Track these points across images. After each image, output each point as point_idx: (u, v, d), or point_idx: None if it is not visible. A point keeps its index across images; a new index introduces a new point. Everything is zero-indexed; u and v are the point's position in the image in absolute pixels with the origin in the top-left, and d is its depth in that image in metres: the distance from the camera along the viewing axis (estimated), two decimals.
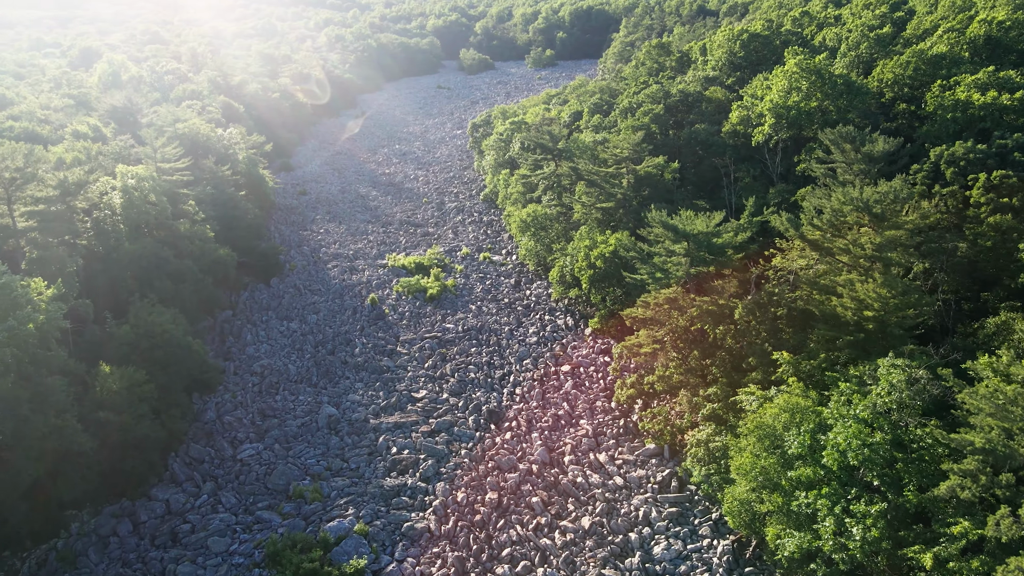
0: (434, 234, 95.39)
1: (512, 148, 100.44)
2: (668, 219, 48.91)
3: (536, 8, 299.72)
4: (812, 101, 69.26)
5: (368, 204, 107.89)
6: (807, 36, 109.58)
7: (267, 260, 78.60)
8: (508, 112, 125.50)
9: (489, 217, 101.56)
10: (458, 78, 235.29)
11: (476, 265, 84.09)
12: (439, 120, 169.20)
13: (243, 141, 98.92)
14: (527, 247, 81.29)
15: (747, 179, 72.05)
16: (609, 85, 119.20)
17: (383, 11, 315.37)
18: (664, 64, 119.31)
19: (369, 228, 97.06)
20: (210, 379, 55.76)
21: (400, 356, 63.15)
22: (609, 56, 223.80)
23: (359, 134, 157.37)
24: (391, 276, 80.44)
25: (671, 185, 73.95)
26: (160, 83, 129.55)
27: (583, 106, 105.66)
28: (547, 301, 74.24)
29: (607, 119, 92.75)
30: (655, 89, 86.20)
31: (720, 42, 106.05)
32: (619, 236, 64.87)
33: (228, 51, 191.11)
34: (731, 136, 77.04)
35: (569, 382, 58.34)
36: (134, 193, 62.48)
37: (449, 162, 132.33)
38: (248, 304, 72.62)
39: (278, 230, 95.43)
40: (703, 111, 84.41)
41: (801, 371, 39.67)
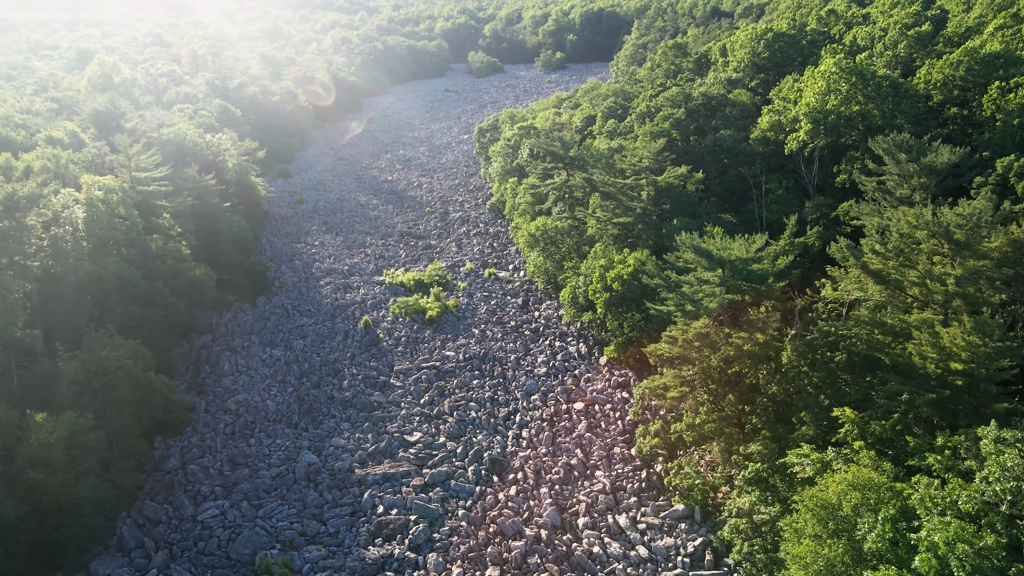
0: (436, 247, 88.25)
1: (520, 155, 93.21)
2: (700, 242, 41.52)
3: (546, 10, 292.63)
4: (853, 105, 61.72)
5: (368, 214, 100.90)
6: (835, 35, 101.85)
7: (254, 277, 71.70)
8: (516, 116, 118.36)
9: (495, 228, 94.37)
10: (466, 81, 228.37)
11: (480, 282, 76.89)
12: (446, 124, 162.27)
13: (234, 147, 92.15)
14: (536, 263, 74.07)
15: (779, 191, 64.55)
16: (623, 88, 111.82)
17: (391, 14, 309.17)
18: (681, 66, 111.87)
19: (367, 240, 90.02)
20: (176, 419, 48.78)
21: (393, 390, 55.96)
22: (621, 59, 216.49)
23: (363, 138, 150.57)
24: (388, 295, 73.33)
25: (694, 198, 66.55)
26: (154, 86, 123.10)
27: (596, 110, 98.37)
28: (557, 324, 66.96)
29: (622, 124, 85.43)
30: (675, 92, 78.79)
31: (742, 42, 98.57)
32: (638, 255, 57.51)
33: (231, 53, 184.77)
34: (760, 143, 69.55)
35: (583, 423, 50.99)
36: (99, 207, 55.64)
37: (455, 168, 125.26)
38: (230, 327, 65.65)
39: (270, 242, 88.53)
40: (727, 116, 76.95)
41: (869, 433, 32.20)
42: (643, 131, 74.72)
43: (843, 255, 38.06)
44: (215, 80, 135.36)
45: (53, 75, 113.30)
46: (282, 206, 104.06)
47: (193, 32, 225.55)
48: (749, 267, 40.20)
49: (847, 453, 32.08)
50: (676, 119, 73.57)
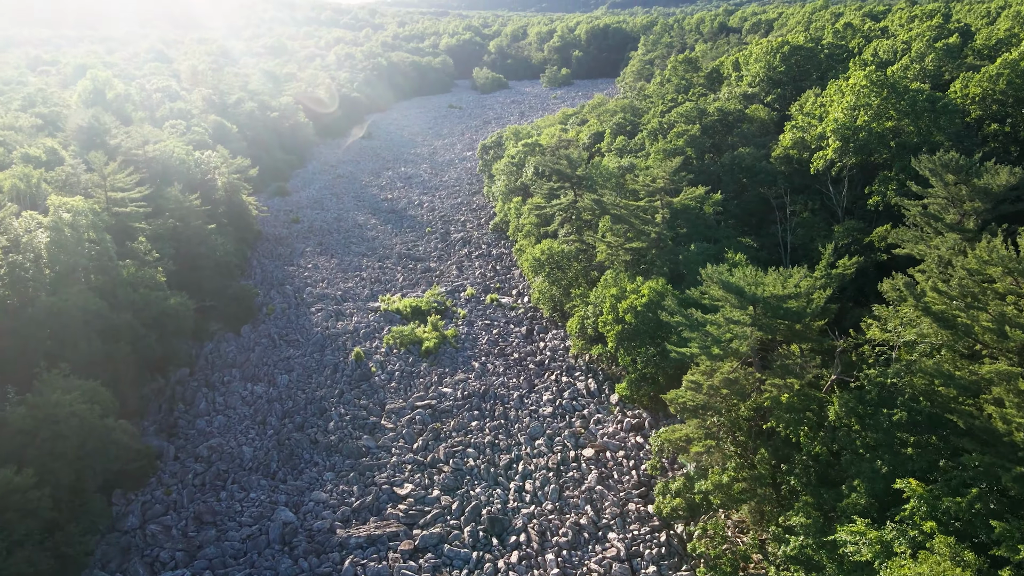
0: (436, 270, 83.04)
1: (525, 173, 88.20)
2: (728, 276, 36.10)
3: (551, 27, 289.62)
4: (886, 121, 56.40)
5: (365, 234, 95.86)
6: (853, 49, 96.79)
7: (239, 304, 66.51)
8: (521, 133, 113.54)
9: (498, 250, 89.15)
10: (471, 97, 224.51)
11: (482, 310, 71.56)
12: (449, 141, 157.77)
13: (225, 165, 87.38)
14: (541, 289, 68.76)
15: (805, 213, 59.17)
16: (631, 104, 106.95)
17: (396, 30, 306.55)
18: (692, 81, 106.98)
19: (364, 263, 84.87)
20: (139, 470, 43.39)
21: (384, 432, 50.47)
22: (627, 74, 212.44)
23: (364, 155, 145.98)
24: (383, 323, 68.04)
25: (712, 220, 61.25)
26: (149, 101, 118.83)
27: (604, 127, 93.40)
28: (564, 356, 61.50)
29: (632, 141, 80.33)
30: (689, 107, 73.71)
31: (757, 56, 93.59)
32: (653, 284, 52.11)
33: (232, 69, 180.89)
34: (783, 162, 64.33)
35: (593, 473, 45.38)
36: (65, 231, 50.62)
37: (457, 186, 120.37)
38: (211, 359, 60.37)
39: (261, 265, 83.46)
40: (745, 132, 71.79)
41: (942, 511, 26.62)
42: (655, 149, 69.58)
43: (900, 294, 32.61)
44: (212, 96, 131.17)
45: (42, 90, 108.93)
46: (276, 226, 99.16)
47: (197, 48, 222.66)
48: (784, 304, 34.76)
49: (915, 536, 26.51)
50: (691, 136, 68.42)
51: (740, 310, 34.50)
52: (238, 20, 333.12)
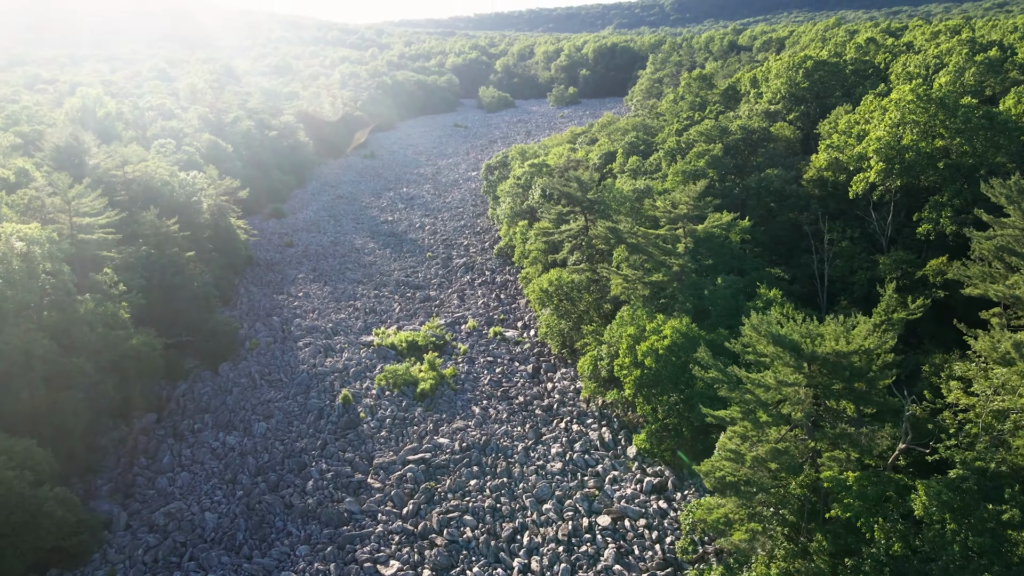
0: (436, 299, 76.73)
1: (531, 196, 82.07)
2: (777, 326, 29.53)
3: (558, 46, 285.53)
4: (936, 140, 50.01)
5: (362, 259, 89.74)
6: (879, 64, 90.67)
7: (218, 340, 60.26)
8: (527, 152, 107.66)
9: (503, 277, 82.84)
10: (476, 116, 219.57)
11: (484, 344, 65.12)
12: (453, 160, 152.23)
13: (213, 186, 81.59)
14: (549, 323, 62.34)
15: (843, 243, 52.62)
16: (644, 122, 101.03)
17: (403, 50, 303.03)
18: (707, 98, 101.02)
19: (359, 291, 78.64)
20: (79, 545, 36.87)
21: (370, 493, 43.86)
22: (636, 93, 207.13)
23: (365, 175, 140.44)
24: (376, 360, 61.64)
25: (739, 250, 54.80)
26: (141, 120, 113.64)
27: (616, 146, 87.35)
28: (575, 400, 54.90)
29: (647, 162, 74.15)
30: (709, 125, 67.58)
31: (777, 71, 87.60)
32: (677, 323, 45.57)
33: (234, 87, 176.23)
34: (816, 184, 57.97)
35: (610, 547, 38.62)
36: (15, 263, 44.54)
37: (461, 208, 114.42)
38: (183, 403, 54.00)
39: (248, 293, 77.32)
40: (771, 152, 65.51)
41: None
42: (674, 170, 63.34)
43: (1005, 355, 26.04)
44: (208, 114, 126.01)
45: (27, 108, 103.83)
46: (269, 250, 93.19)
47: (200, 67, 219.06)
48: (847, 361, 28.20)
49: None
50: (713, 156, 62.17)
51: (796, 371, 27.92)
52: (244, 40, 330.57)
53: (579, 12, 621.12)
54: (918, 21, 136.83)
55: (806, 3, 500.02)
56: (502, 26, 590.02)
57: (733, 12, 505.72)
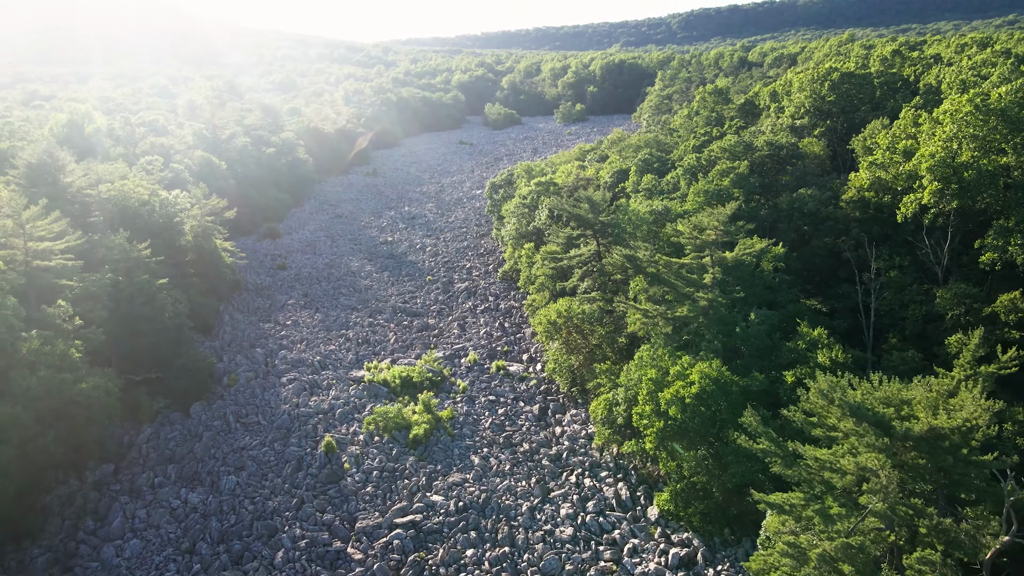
0: (435, 328, 70.51)
1: (538, 217, 76.02)
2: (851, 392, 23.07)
3: (565, 63, 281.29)
4: (1000, 156, 43.70)
5: (358, 283, 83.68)
6: (908, 77, 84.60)
7: (191, 377, 54.07)
8: (534, 170, 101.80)
9: (508, 303, 76.59)
10: (482, 133, 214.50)
11: (486, 381, 58.77)
12: (457, 179, 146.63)
13: (198, 206, 75.88)
14: (557, 359, 56.00)
15: (892, 272, 46.19)
16: (657, 138, 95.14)
17: (409, 67, 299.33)
18: (723, 113, 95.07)
19: (352, 319, 72.50)
20: None
21: (350, 567, 37.32)
22: (645, 110, 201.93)
23: (366, 193, 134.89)
24: (366, 399, 55.33)
25: (771, 280, 48.44)
26: (132, 136, 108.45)
27: (628, 163, 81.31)
28: (587, 448, 48.40)
29: (663, 181, 67.97)
30: (732, 141, 61.49)
31: (801, 84, 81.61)
32: (706, 367, 39.16)
33: (235, 104, 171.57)
34: (856, 206, 51.66)
35: None
36: None
37: (464, 228, 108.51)
38: (145, 451, 47.73)
39: (232, 322, 71.25)
40: (801, 170, 59.29)
41: None
42: (695, 190, 57.13)
43: None
44: (204, 131, 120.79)
45: (9, 123, 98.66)
46: (260, 273, 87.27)
47: (204, 84, 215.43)
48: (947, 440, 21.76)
49: None
50: (738, 175, 55.99)
51: (880, 451, 21.48)
52: (251, 57, 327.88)
53: (585, 31, 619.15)
54: (936, 36, 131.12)
55: (813, 21, 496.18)
56: (509, 44, 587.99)
57: (740, 30, 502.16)
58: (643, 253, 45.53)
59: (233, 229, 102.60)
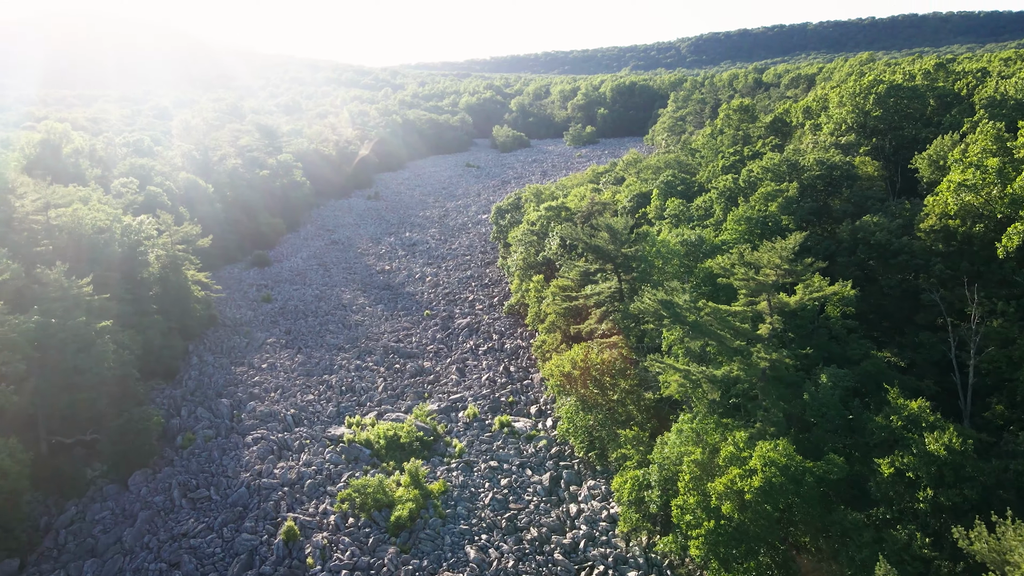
0: (430, 373, 61.14)
1: (548, 246, 66.89)
2: None
3: (575, 85, 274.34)
4: None
5: (348, 318, 74.53)
6: (960, 91, 75.35)
7: (134, 439, 44.71)
8: (543, 193, 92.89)
9: (514, 342, 67.20)
10: (490, 156, 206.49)
11: (487, 441, 49.20)
12: (463, 202, 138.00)
13: (168, 233, 67.15)
14: (571, 417, 46.41)
15: (996, 321, 36.54)
16: (677, 158, 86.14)
17: (416, 89, 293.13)
18: (750, 132, 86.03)
19: (337, 361, 63.27)
20: None
21: None
22: (657, 131, 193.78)
23: (366, 218, 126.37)
24: (342, 465, 45.87)
25: (838, 329, 38.85)
26: (113, 157, 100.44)
27: (649, 186, 72.18)
28: (609, 533, 38.66)
29: (692, 205, 58.63)
30: (777, 160, 52.26)
31: (842, 98, 72.48)
32: (769, 450, 29.49)
33: (234, 126, 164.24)
34: (938, 236, 42.15)
35: None
36: None
37: (468, 256, 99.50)
38: (64, 539, 38.29)
39: (201, 364, 62.11)
40: (858, 193, 49.90)
41: None
42: (735, 216, 47.74)
43: None
44: (194, 152, 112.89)
45: None
46: (241, 306, 78.29)
47: (207, 105, 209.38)
48: None
49: None
50: (787, 198, 46.65)
51: None
52: (259, 79, 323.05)
53: (595, 55, 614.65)
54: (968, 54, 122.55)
55: (823, 45, 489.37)
56: (518, 68, 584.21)
57: (749, 54, 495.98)
58: (682, 297, 36.06)
59: (218, 257, 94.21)
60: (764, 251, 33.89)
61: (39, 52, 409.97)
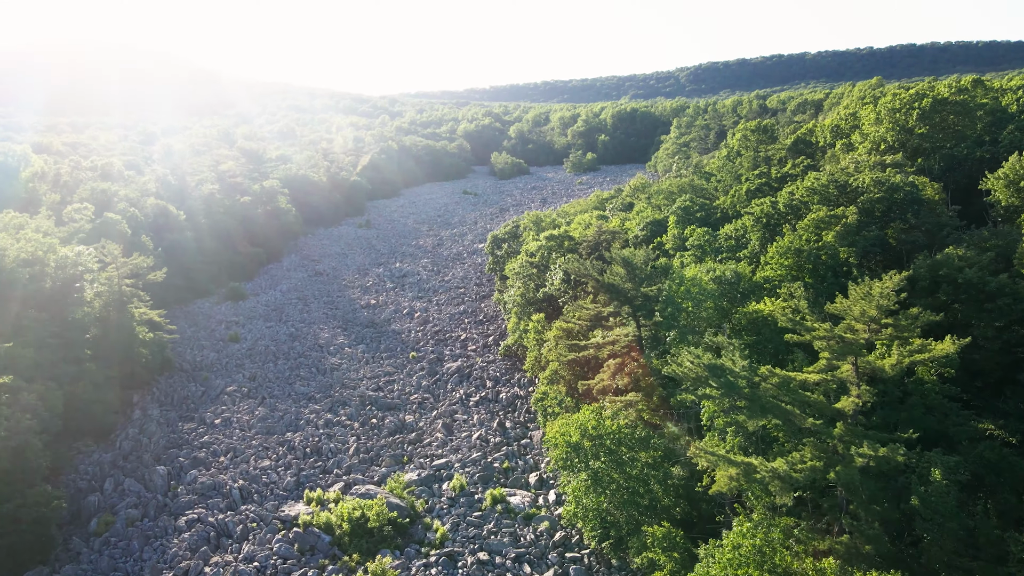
0: (412, 430, 51.57)
1: (550, 280, 57.79)
2: None
3: (575, 112, 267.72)
4: None
5: (323, 362, 65.10)
6: (1008, 107, 66.98)
7: (28, 531, 34.99)
8: (544, 221, 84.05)
9: (510, 390, 57.73)
10: (488, 183, 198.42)
11: (476, 523, 39.47)
12: (458, 231, 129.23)
13: (114, 267, 58.00)
14: (580, 498, 36.68)
15: None
16: (691, 183, 77.41)
17: (414, 116, 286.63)
18: (770, 155, 77.43)
19: (304, 415, 53.72)
20: None
21: None
22: (660, 158, 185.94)
23: (355, 247, 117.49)
24: (292, 561, 36.06)
25: (936, 398, 29.46)
26: (77, 180, 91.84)
27: (664, 213, 63.28)
28: None
29: (720, 235, 49.44)
30: (823, 180, 43.30)
31: (879, 114, 63.95)
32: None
33: (221, 151, 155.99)
34: None
35: None
36: None
37: (462, 288, 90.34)
38: None
39: (143, 420, 52.45)
40: (932, 221, 40.79)
41: None
42: (779, 248, 38.57)
43: None
44: (169, 177, 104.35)
45: None
46: (204, 347, 68.84)
47: (199, 131, 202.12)
48: None
49: None
50: (847, 226, 37.54)
51: None
52: (255, 107, 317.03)
53: (594, 84, 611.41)
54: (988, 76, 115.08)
55: (823, 74, 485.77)
56: (517, 97, 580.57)
57: (749, 83, 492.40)
58: (733, 357, 26.64)
59: (187, 290, 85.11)
60: (854, 299, 24.65)
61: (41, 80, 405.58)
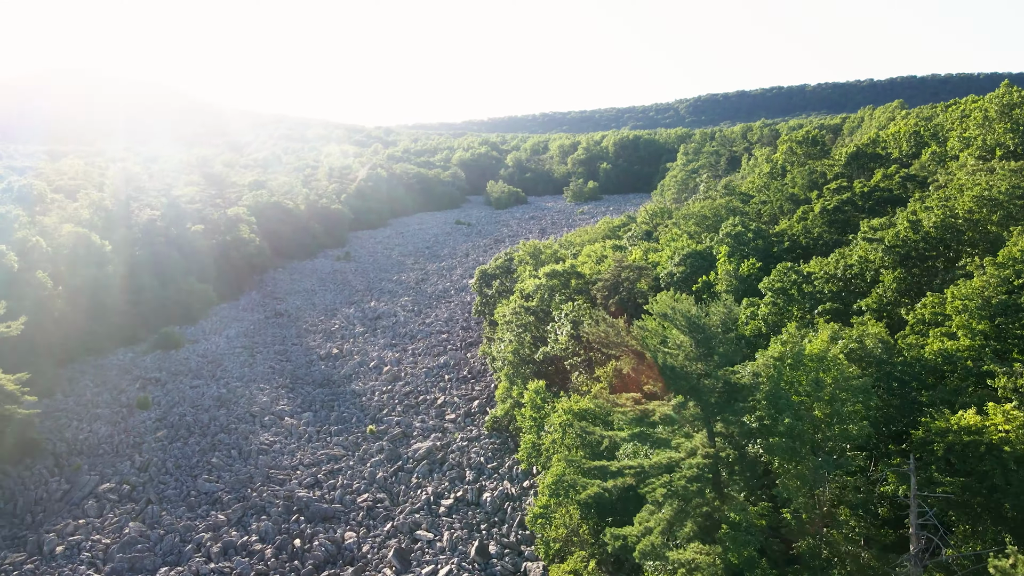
0: (350, 559, 34.01)
1: (555, 335, 40.66)
2: None
3: (575, 140, 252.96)
4: None
5: (248, 442, 47.63)
6: None
7: None
8: (544, 252, 67.21)
9: (498, 488, 40.30)
10: (483, 212, 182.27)
11: None
12: (447, 264, 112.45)
13: None
14: None
15: None
16: (729, 204, 60.76)
17: (408, 145, 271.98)
18: (825, 172, 60.78)
19: (195, 537, 36.18)
20: None
21: None
22: (667, 186, 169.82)
23: (328, 283, 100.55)
24: None
25: None
26: None
27: (707, 242, 46.30)
28: None
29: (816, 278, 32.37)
30: (1003, 188, 26.35)
31: (986, 114, 47.44)
32: None
33: (191, 177, 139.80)
34: None
35: None
36: None
37: (445, 333, 73.23)
38: None
39: None
40: None
41: None
42: (962, 294, 21.59)
43: None
44: (106, 201, 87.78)
45: None
46: (97, 418, 51.35)
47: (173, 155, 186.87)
48: None
49: None
50: None
51: None
52: (246, 136, 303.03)
53: (593, 115, 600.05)
54: None
55: (823, 106, 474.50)
56: (516, 129, 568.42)
57: (748, 115, 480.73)
58: None
59: (106, 338, 68.04)
60: None
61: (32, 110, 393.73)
